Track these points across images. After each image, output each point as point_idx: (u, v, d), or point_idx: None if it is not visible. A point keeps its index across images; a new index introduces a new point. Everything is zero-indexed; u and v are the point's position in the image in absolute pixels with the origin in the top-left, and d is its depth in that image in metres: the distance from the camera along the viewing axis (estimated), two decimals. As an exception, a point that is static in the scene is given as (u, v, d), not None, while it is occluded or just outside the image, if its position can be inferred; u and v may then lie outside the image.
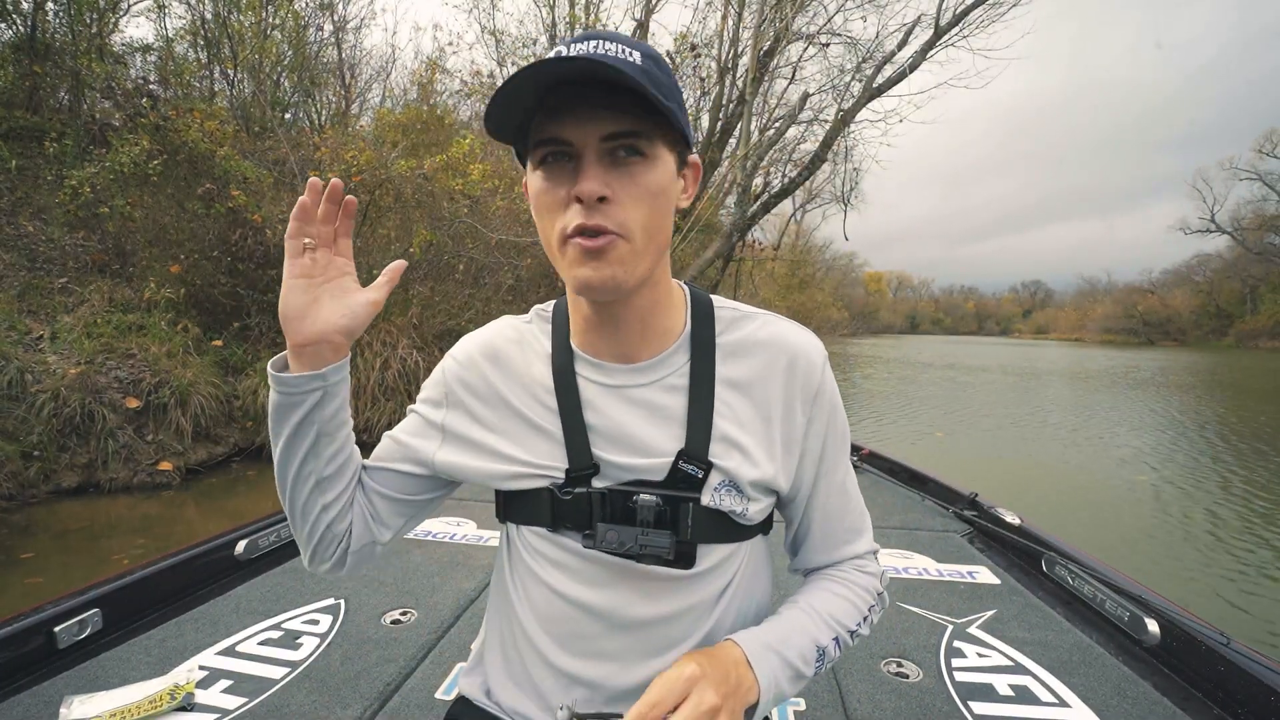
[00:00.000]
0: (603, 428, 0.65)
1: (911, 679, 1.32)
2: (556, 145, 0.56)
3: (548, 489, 0.66)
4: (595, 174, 0.55)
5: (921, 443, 8.22)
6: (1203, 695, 1.25)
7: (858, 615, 0.69)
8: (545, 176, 0.58)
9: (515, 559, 0.73)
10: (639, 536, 0.62)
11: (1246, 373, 22.24)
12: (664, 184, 0.58)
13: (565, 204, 0.57)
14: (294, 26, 9.53)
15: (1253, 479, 6.34)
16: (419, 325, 7.09)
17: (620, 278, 0.57)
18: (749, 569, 0.71)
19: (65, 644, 1.28)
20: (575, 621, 0.67)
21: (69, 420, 4.65)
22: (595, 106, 0.54)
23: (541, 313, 0.73)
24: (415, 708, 1.19)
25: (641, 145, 0.56)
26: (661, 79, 0.57)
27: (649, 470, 0.64)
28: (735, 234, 10.59)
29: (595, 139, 0.55)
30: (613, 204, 0.55)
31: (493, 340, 0.72)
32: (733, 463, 0.64)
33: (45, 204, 6.12)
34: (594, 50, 0.54)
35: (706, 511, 0.64)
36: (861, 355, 29.62)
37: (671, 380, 0.66)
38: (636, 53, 0.56)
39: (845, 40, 10.87)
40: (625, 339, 0.65)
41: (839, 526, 0.73)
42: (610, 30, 0.58)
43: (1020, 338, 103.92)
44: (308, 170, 6.90)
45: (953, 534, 2.17)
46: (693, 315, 0.68)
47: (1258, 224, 52.41)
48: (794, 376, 0.67)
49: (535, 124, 0.57)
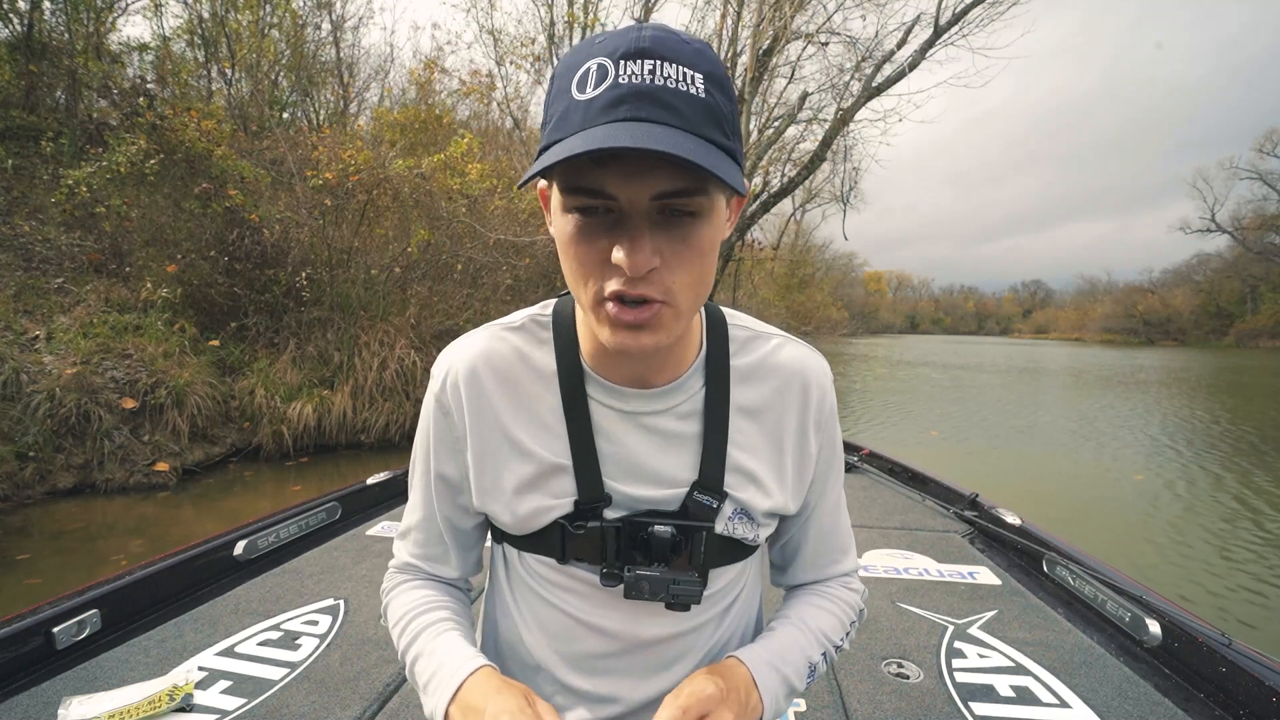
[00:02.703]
0: (615, 457, 0.62)
1: (912, 679, 1.31)
2: (599, 198, 0.47)
3: (557, 523, 0.62)
4: (644, 243, 0.47)
5: (915, 442, 8.23)
6: (1204, 696, 1.25)
7: (842, 630, 0.70)
8: (581, 225, 0.49)
9: (515, 580, 0.69)
10: (671, 586, 0.59)
11: (1247, 373, 22.28)
12: (716, 237, 0.51)
13: (603, 262, 0.49)
14: (292, 25, 9.52)
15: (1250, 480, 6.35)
16: (417, 325, 7.08)
17: (661, 344, 0.52)
18: (750, 580, 0.72)
19: (64, 644, 1.27)
20: (585, 641, 0.66)
21: (65, 421, 4.63)
22: (648, 158, 0.44)
23: (539, 319, 0.65)
24: (415, 708, 1.18)
25: (697, 202, 0.48)
26: (726, 112, 0.48)
27: (663, 501, 0.62)
28: (734, 233, 10.59)
29: (646, 198, 0.46)
30: (661, 270, 0.48)
31: (485, 357, 0.63)
32: (747, 494, 0.63)
33: (41, 203, 6.10)
34: (651, 79, 0.44)
35: (719, 539, 0.63)
36: (855, 355, 29.62)
37: (686, 407, 0.63)
38: (698, 76, 0.46)
39: (844, 39, 10.86)
40: (644, 365, 0.61)
41: (830, 545, 0.73)
42: (658, 34, 0.46)
43: (1020, 337, 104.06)
44: (305, 170, 6.88)
45: (953, 534, 2.17)
46: (708, 336, 0.65)
47: (1258, 223, 52.57)
48: (808, 403, 0.65)
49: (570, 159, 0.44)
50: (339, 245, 6.92)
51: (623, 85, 0.44)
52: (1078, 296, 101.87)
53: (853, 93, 10.60)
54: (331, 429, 6.12)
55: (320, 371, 6.44)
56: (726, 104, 0.49)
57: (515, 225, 8.31)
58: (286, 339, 6.56)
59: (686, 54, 0.46)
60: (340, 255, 6.94)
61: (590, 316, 0.53)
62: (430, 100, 10.59)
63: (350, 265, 7.05)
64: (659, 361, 0.61)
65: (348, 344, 6.58)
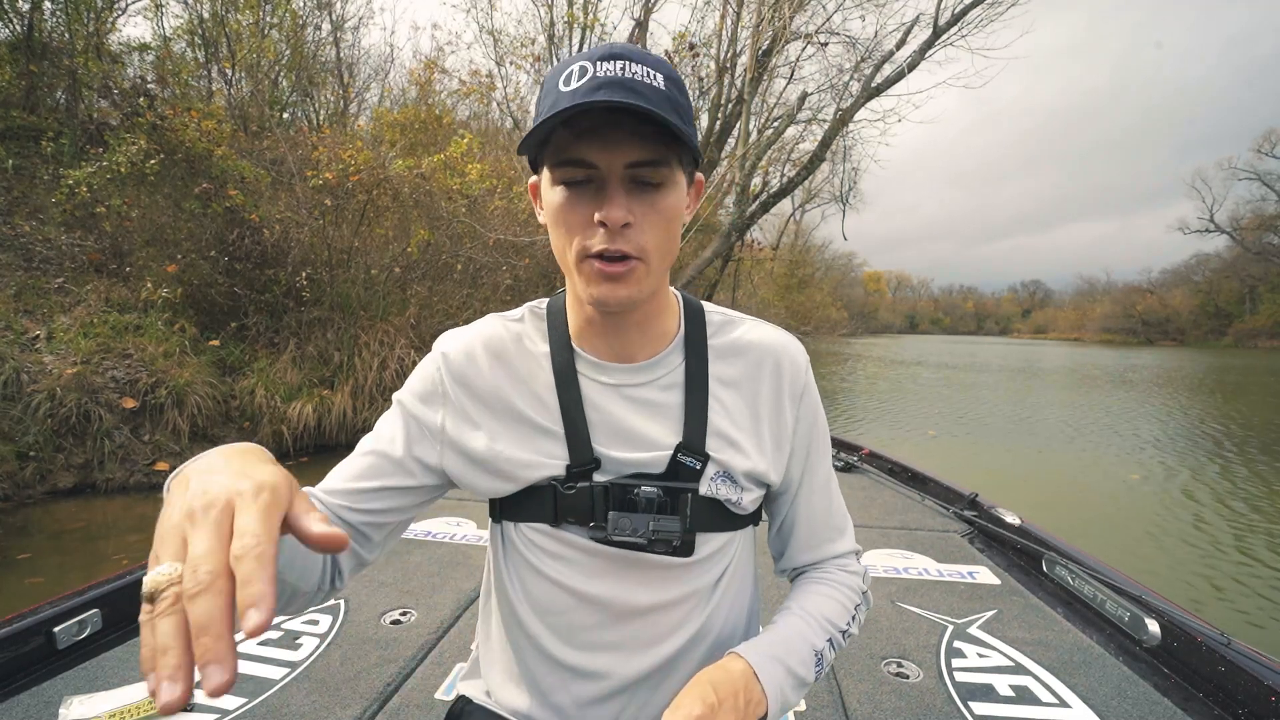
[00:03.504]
0: (603, 424, 0.67)
1: (911, 679, 1.32)
2: (582, 168, 0.57)
3: (549, 485, 0.67)
4: (620, 201, 0.57)
5: (908, 439, 8.25)
6: (1203, 695, 1.25)
7: (846, 615, 0.71)
8: (567, 194, 0.59)
9: (511, 555, 0.72)
10: (650, 523, 0.64)
11: (1234, 372, 22.31)
12: (679, 207, 0.61)
13: (586, 224, 0.58)
14: (292, 25, 9.51)
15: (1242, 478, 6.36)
16: (417, 325, 7.09)
17: (635, 297, 0.61)
18: (741, 557, 0.74)
19: (65, 644, 1.27)
20: (576, 612, 0.68)
21: (65, 420, 4.63)
22: (622, 131, 0.56)
23: (535, 310, 0.74)
24: (415, 708, 1.19)
25: (662, 173, 0.58)
26: (681, 102, 0.59)
27: (649, 464, 0.67)
28: (734, 234, 10.59)
29: (620, 165, 0.57)
30: (633, 229, 0.58)
31: (490, 337, 0.71)
32: (727, 455, 0.68)
33: (42, 204, 6.10)
34: (622, 73, 0.55)
35: (704, 501, 0.67)
36: (850, 354, 29.62)
37: (668, 379, 0.69)
38: (660, 75, 0.57)
39: (844, 39, 10.87)
40: (625, 341, 0.68)
41: (823, 524, 0.76)
42: (629, 46, 0.59)
43: (1019, 337, 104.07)
44: (305, 170, 6.88)
45: (953, 534, 2.17)
46: (685, 319, 0.72)
47: (1256, 224, 52.61)
48: (781, 376, 0.71)
49: (557, 139, 0.58)
50: (339, 245, 6.92)
51: (600, 77, 0.55)
52: (1077, 296, 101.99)
53: (852, 93, 10.62)
54: (331, 429, 6.11)
55: (320, 371, 6.44)
56: (683, 99, 0.60)
57: (515, 225, 8.31)
58: (286, 339, 6.55)
59: (651, 60, 0.58)
60: (340, 255, 6.94)
61: (574, 275, 0.61)
62: (430, 100, 10.59)
63: (350, 265, 7.05)
64: (640, 336, 0.68)
65: (348, 344, 6.58)
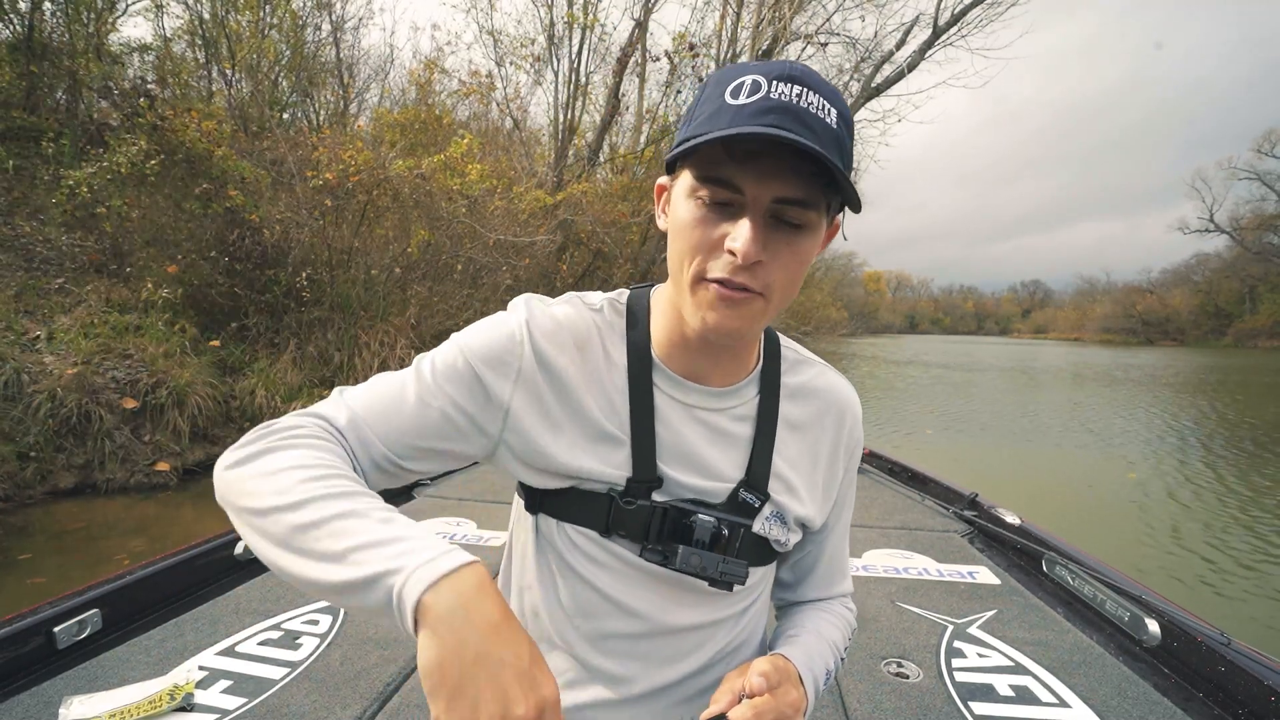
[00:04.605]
0: (670, 443, 0.65)
1: (911, 679, 1.32)
2: (728, 190, 0.53)
3: (606, 494, 0.64)
4: (757, 236, 0.53)
5: (903, 436, 8.26)
6: (1203, 695, 1.25)
7: (845, 644, 0.75)
8: (704, 212, 0.55)
9: (544, 550, 0.68)
10: (720, 565, 0.62)
11: (1232, 371, 22.33)
12: (813, 251, 0.58)
13: (714, 247, 0.55)
14: (292, 26, 9.51)
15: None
16: (417, 325, 7.09)
17: (745, 331, 0.58)
18: (767, 588, 0.77)
19: (65, 644, 1.27)
20: (610, 619, 0.66)
21: (65, 421, 4.64)
22: (780, 163, 0.52)
23: (616, 305, 0.68)
24: (415, 708, 1.19)
25: (808, 215, 0.54)
26: (847, 146, 0.55)
27: (710, 493, 0.65)
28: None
29: (768, 198, 0.53)
30: (763, 266, 0.54)
31: (575, 322, 0.65)
32: (784, 498, 0.68)
33: (42, 204, 6.10)
34: (798, 100, 0.51)
35: (754, 537, 0.67)
36: (849, 353, 29.61)
37: (741, 410, 0.67)
38: (835, 111, 0.53)
39: (844, 40, 10.88)
40: (712, 364, 0.65)
41: (839, 565, 0.78)
42: (808, 70, 0.53)
43: (1019, 337, 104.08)
44: (305, 170, 6.88)
45: (953, 534, 2.17)
46: (764, 352, 0.70)
47: (1256, 224, 52.58)
48: (842, 428, 0.73)
49: (708, 151, 0.53)
50: (339, 245, 6.93)
51: (773, 99, 0.51)
52: (1077, 296, 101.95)
53: (852, 93, 10.61)
54: (331, 429, 6.12)
55: (320, 371, 6.44)
56: (849, 142, 0.56)
57: (515, 226, 8.31)
58: (287, 339, 6.56)
59: (827, 91, 0.53)
60: (340, 255, 6.95)
61: (685, 296, 0.58)
62: (430, 101, 10.60)
63: (350, 265, 7.05)
64: (730, 363, 0.66)
65: (348, 344, 6.58)
